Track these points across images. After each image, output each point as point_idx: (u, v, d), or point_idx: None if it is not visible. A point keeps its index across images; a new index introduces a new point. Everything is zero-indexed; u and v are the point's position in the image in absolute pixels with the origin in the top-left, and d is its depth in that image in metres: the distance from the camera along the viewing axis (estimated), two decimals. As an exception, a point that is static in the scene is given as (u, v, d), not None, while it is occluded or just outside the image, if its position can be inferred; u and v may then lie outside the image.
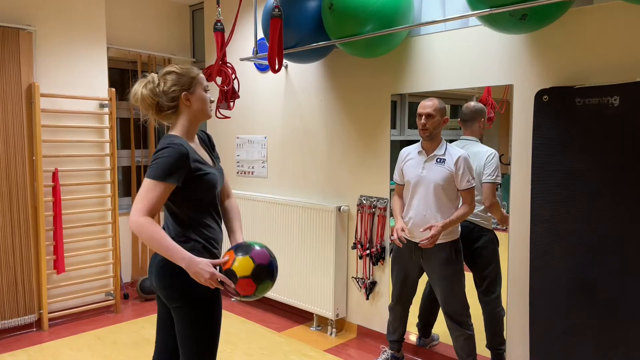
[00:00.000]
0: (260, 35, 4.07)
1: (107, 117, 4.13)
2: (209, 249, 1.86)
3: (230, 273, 1.73)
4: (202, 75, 1.90)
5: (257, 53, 3.54)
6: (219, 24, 2.79)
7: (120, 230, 4.38)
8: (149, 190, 1.69)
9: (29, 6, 3.71)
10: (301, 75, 3.90)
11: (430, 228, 2.68)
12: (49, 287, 3.81)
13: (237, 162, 4.56)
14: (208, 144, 2.03)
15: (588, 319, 2.45)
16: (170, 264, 1.74)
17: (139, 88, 1.84)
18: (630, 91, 2.30)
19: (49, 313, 3.81)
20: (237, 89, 2.73)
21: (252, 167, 4.42)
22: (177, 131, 1.86)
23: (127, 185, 4.80)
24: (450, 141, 2.97)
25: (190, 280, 1.73)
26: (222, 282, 1.73)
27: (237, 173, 4.56)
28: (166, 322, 1.97)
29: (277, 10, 2.45)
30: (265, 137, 4.26)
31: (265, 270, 1.76)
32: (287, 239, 3.89)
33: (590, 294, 2.44)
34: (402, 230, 2.78)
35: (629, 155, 2.31)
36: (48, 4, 3.80)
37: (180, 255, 1.69)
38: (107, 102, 4.10)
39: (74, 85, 3.97)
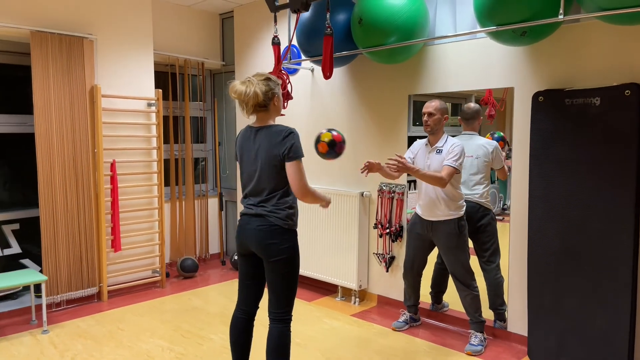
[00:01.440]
0: (293, 42, 4.60)
1: (154, 115, 4.68)
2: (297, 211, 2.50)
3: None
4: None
5: (290, 59, 4.08)
6: (276, 38, 3.34)
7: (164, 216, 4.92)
8: (301, 167, 2.36)
9: (90, 17, 4.24)
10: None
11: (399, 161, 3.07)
12: (108, 263, 4.36)
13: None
14: None
15: (574, 279, 3.01)
16: (277, 230, 2.30)
17: (251, 88, 2.32)
18: (608, 93, 2.86)
19: (107, 286, 4.35)
20: (290, 92, 3.28)
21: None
22: (270, 123, 2.41)
23: (166, 176, 5.34)
24: (453, 136, 3.52)
25: (289, 240, 2.33)
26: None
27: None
28: (254, 277, 2.49)
29: (329, 29, 3.00)
30: (293, 133, 4.79)
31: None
32: (316, 222, 4.43)
33: (576, 259, 3.00)
34: (369, 162, 3.16)
35: (607, 145, 2.87)
36: (106, 16, 4.33)
37: (324, 197, 2.53)
38: (154, 101, 4.64)
39: (126, 86, 4.50)
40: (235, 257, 5.28)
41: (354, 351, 3.34)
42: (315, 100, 4.58)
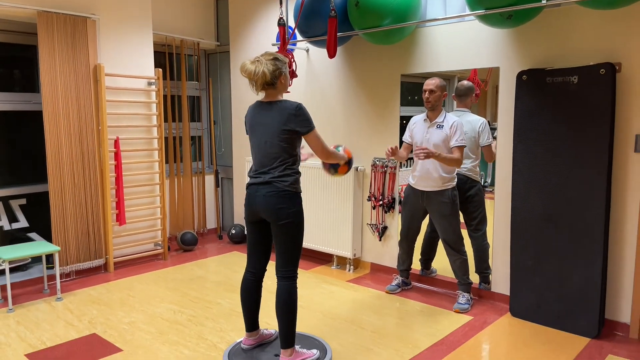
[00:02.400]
0: (290, 24, 4.78)
1: (154, 93, 4.83)
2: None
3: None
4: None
5: (287, 39, 4.26)
6: (281, 20, 3.52)
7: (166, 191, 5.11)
8: (318, 135, 2.63)
9: (92, -2, 4.37)
10: (322, 59, 4.64)
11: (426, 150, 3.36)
12: (113, 236, 4.55)
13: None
14: None
15: (553, 241, 3.32)
16: (285, 195, 2.53)
17: (260, 67, 2.53)
18: (585, 72, 3.14)
19: (113, 258, 4.55)
20: (295, 70, 3.48)
21: (276, 137, 5.17)
22: (279, 98, 2.63)
23: (165, 153, 5.50)
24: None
25: (296, 205, 2.57)
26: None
27: (262, 142, 5.31)
28: (262, 243, 2.73)
29: (333, 12, 3.21)
30: (288, 111, 5.00)
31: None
32: (312, 195, 4.68)
33: (554, 223, 3.31)
34: (393, 148, 3.43)
35: (584, 120, 3.16)
36: (107, -4, 4.46)
37: (341, 155, 2.81)
38: (154, 80, 4.79)
39: (127, 66, 4.64)
40: (233, 231, 5.52)
41: (351, 311, 3.62)
42: (310, 79, 4.79)
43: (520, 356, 2.95)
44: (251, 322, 2.75)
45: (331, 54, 3.30)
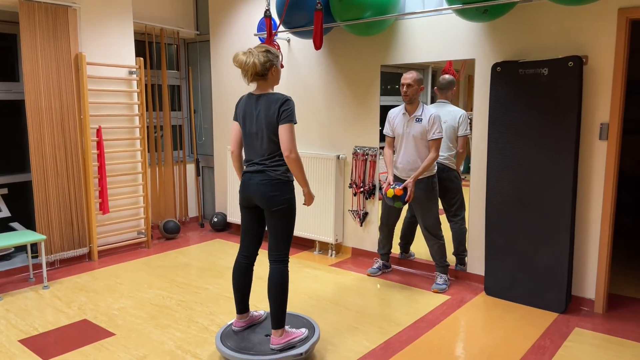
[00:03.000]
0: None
1: (135, 82, 4.85)
2: None
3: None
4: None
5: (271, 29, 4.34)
6: (268, 11, 3.60)
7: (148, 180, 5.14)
8: (292, 131, 2.61)
9: (72, -14, 4.34)
10: (303, 49, 4.74)
11: (407, 186, 3.64)
12: (97, 225, 4.58)
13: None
14: None
15: (524, 224, 3.54)
16: (278, 183, 2.63)
17: (251, 58, 2.61)
18: (555, 65, 3.34)
19: (97, 247, 4.58)
20: (281, 61, 3.56)
21: (257, 126, 5.26)
22: (270, 91, 2.70)
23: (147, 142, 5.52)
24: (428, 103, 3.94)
25: (288, 192, 2.68)
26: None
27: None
28: (255, 227, 2.82)
29: (319, 5, 3.31)
30: (269, 100, 5.09)
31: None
32: (295, 184, 4.78)
33: (526, 207, 3.52)
34: (389, 184, 3.72)
35: (553, 109, 3.36)
36: (87, -16, 4.44)
37: (306, 180, 2.75)
38: (135, 69, 4.81)
39: (108, 55, 4.64)
40: (215, 219, 5.60)
41: (335, 293, 3.77)
42: (291, 69, 4.88)
43: (495, 331, 3.16)
44: (242, 305, 2.86)
45: (317, 46, 3.41)
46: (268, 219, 2.74)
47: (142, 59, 4.81)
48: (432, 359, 2.81)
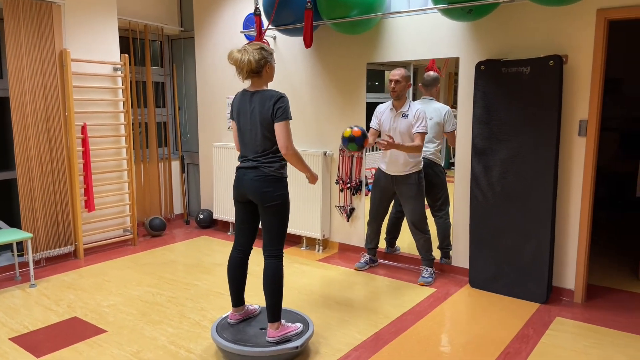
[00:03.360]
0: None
1: (120, 79, 4.82)
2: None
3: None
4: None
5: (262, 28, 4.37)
6: (257, 9, 3.62)
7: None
8: (288, 128, 2.66)
9: (56, -18, 4.29)
10: (290, 46, 4.77)
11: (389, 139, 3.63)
12: (82, 223, 4.55)
13: (228, 119, 5.40)
14: None
15: (507, 217, 3.65)
16: (271, 179, 2.67)
17: (245, 56, 2.64)
18: (536, 63, 3.45)
19: (83, 244, 4.55)
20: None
21: (243, 123, 5.27)
22: (264, 88, 2.74)
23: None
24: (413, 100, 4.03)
25: (282, 188, 2.71)
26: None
27: (229, 128, 5.40)
28: (249, 222, 2.86)
29: (309, 4, 3.35)
30: (255, 97, 5.11)
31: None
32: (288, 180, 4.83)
33: (509, 201, 3.63)
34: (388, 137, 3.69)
35: (535, 106, 3.47)
36: (71, -20, 4.40)
37: (307, 167, 2.85)
38: (119, 66, 4.78)
39: (93, 51, 4.61)
40: (201, 216, 5.60)
41: (324, 287, 3.84)
42: (278, 66, 4.88)
43: (480, 322, 3.26)
44: (238, 298, 2.90)
45: (307, 44, 3.46)
46: (262, 215, 2.78)
47: (127, 55, 4.78)
48: (421, 349, 2.90)
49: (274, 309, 2.71)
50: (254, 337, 2.73)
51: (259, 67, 2.69)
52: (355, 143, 3.50)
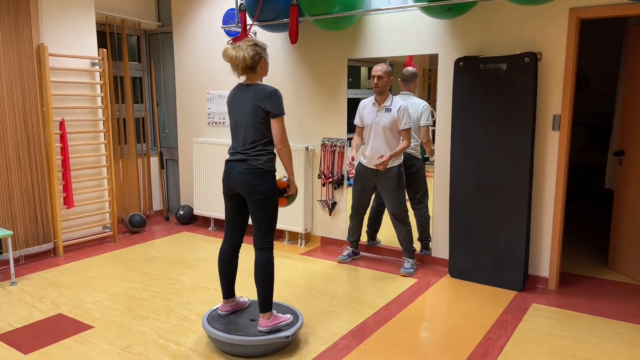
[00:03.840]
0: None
1: (98, 74, 4.76)
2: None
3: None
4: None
5: (237, 23, 4.39)
6: (242, 6, 3.64)
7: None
8: (283, 124, 2.74)
9: (32, -26, 4.21)
10: (270, 42, 4.79)
11: (382, 157, 3.83)
12: (62, 220, 4.49)
13: (208, 114, 5.39)
14: None
15: (486, 209, 3.78)
16: (259, 172, 2.71)
17: (240, 53, 2.68)
18: (512, 60, 3.58)
19: (62, 242, 4.50)
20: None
21: (224, 118, 5.29)
22: (258, 82, 2.78)
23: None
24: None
25: (270, 181, 2.75)
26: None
27: (209, 123, 5.40)
28: (239, 215, 2.89)
29: (294, 0, 3.39)
30: (236, 93, 5.13)
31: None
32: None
33: (487, 192, 3.77)
34: (352, 159, 3.89)
35: (511, 102, 3.61)
36: (47, -27, 4.32)
37: (293, 171, 2.89)
38: (97, 60, 4.72)
39: (70, 46, 4.54)
40: (181, 212, 5.59)
41: (309, 280, 3.90)
42: (258, 62, 4.93)
43: (461, 310, 3.39)
44: (228, 290, 2.94)
45: (293, 40, 3.50)
46: (250, 208, 2.82)
47: (105, 50, 4.73)
48: (406, 336, 2.99)
49: (266, 300, 2.76)
50: (245, 328, 2.78)
51: (253, 63, 2.74)
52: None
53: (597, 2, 3.33)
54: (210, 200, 5.31)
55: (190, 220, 5.64)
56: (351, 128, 4.33)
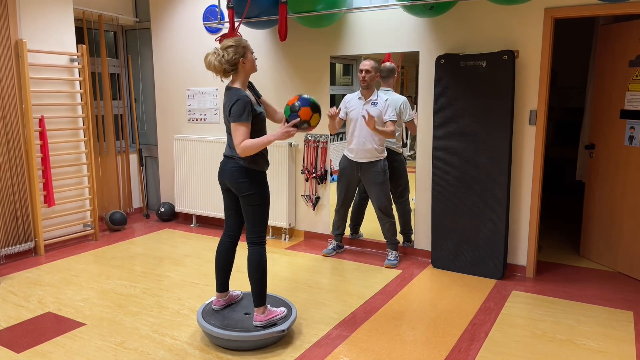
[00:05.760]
0: (222, 7, 4.88)
1: (77, 70, 4.69)
2: (265, 155, 2.87)
3: (292, 109, 2.78)
4: (248, 43, 2.84)
5: (220, 20, 4.40)
6: (230, 3, 3.66)
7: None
8: (236, 129, 2.66)
9: (8, -32, 4.12)
10: (253, 38, 4.82)
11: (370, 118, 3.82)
12: (42, 218, 4.42)
13: (189, 110, 5.38)
14: (253, 89, 2.98)
15: (467, 201, 3.92)
16: (246, 170, 2.74)
17: (212, 59, 2.70)
18: (491, 57, 3.72)
19: (43, 240, 4.43)
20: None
21: (205, 115, 5.29)
22: (238, 84, 2.78)
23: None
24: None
25: (257, 178, 2.76)
26: (294, 125, 2.75)
27: (189, 120, 5.39)
28: (236, 208, 2.92)
29: (284, -2, 3.44)
30: (217, 89, 5.13)
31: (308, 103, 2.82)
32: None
33: (467, 186, 3.91)
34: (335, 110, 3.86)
35: (491, 98, 3.75)
36: (24, -33, 4.23)
37: (268, 139, 2.69)
38: (77, 57, 4.66)
39: (48, 42, 4.46)
40: (162, 209, 5.57)
41: (296, 273, 3.97)
42: (240, 59, 4.95)
43: (446, 298, 3.52)
44: (223, 284, 2.98)
45: (282, 38, 3.55)
46: (241, 204, 2.86)
47: (84, 46, 4.66)
48: (395, 324, 3.10)
49: (260, 294, 2.81)
50: (240, 322, 2.82)
51: (230, 66, 2.74)
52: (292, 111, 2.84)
53: (570, 2, 3.50)
54: (191, 197, 5.31)
55: (172, 217, 5.62)
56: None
